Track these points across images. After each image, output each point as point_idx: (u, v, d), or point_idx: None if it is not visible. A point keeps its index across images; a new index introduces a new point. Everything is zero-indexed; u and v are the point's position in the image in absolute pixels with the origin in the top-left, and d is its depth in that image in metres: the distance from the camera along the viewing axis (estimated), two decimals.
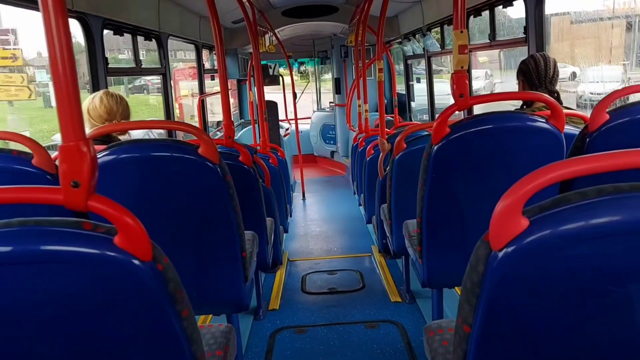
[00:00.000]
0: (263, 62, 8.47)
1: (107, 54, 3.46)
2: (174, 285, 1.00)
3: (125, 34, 3.92)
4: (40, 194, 1.01)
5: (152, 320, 1.02)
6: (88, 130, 2.24)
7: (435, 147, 1.94)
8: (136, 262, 0.94)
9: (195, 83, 6.32)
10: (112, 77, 3.66)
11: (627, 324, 0.92)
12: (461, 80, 1.89)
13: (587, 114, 2.28)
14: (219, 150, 1.92)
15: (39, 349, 1.01)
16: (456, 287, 3.02)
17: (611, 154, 0.87)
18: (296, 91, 8.43)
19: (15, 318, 0.96)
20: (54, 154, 1.76)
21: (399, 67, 8.87)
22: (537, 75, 2.64)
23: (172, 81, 4.90)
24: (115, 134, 2.43)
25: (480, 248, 0.92)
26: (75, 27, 3.27)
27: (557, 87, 2.71)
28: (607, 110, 1.70)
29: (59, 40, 0.91)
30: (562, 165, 0.87)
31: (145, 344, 1.05)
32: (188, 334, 1.06)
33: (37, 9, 0.91)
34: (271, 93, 9.57)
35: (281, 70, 10.59)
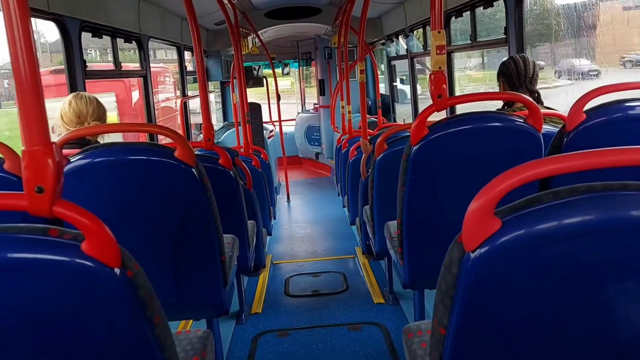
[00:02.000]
0: (247, 64, 8.43)
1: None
2: (144, 291, 0.98)
3: (104, 36, 3.87)
4: (3, 200, 0.98)
5: (123, 327, 0.99)
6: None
7: (414, 148, 1.94)
8: (104, 269, 0.91)
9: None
10: None
11: (603, 323, 0.92)
12: (439, 80, 1.90)
13: None
14: (198, 153, 1.89)
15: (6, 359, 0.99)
16: None
17: (585, 153, 0.87)
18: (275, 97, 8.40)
19: None
20: None
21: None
22: (517, 76, 2.69)
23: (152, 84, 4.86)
24: (90, 138, 2.39)
25: (453, 249, 0.92)
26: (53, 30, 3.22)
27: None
28: (584, 109, 1.71)
29: (20, 40, 0.88)
30: (534, 165, 0.87)
31: (117, 352, 1.03)
32: (161, 341, 1.04)
33: None
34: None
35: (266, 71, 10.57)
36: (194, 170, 1.84)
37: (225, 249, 2.12)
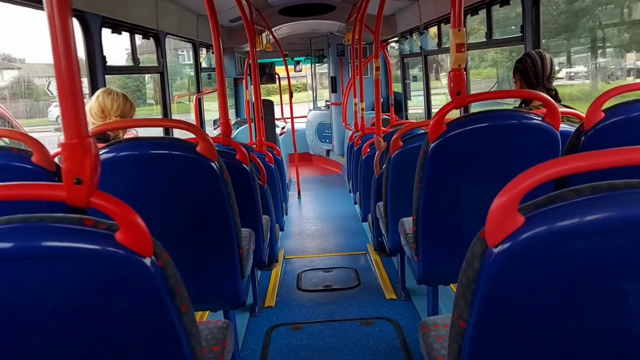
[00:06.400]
0: (260, 61, 8.47)
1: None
2: (173, 281, 1.02)
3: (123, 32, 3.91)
4: (43, 190, 1.02)
5: (153, 315, 1.03)
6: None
7: (432, 145, 1.95)
8: (137, 257, 0.95)
9: None
10: None
11: (621, 319, 0.93)
12: (459, 78, 1.91)
13: None
14: (216, 148, 1.93)
15: (40, 344, 1.02)
16: (451, 284, 3.04)
17: (606, 152, 0.89)
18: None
19: (17, 314, 0.98)
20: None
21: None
22: (534, 74, 2.63)
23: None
24: (110, 133, 2.44)
25: (476, 244, 0.93)
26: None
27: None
28: (602, 108, 1.72)
29: (61, 38, 0.92)
30: (557, 163, 0.89)
31: (146, 338, 1.07)
32: (187, 329, 1.08)
33: (41, 8, 0.92)
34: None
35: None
36: (215, 165, 1.87)
37: (242, 242, 2.16)
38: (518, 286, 0.92)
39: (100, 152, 1.83)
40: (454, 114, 2.19)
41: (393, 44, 8.33)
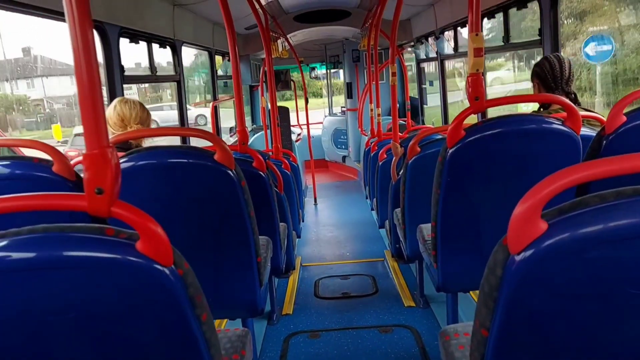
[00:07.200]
0: (275, 68, 8.51)
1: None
2: (193, 289, 1.02)
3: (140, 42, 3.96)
4: (64, 200, 1.03)
5: (173, 323, 1.03)
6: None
7: (450, 151, 1.93)
8: (158, 267, 0.95)
9: None
10: None
11: None
12: (477, 83, 1.89)
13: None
14: (233, 156, 1.93)
15: (62, 353, 1.03)
16: (471, 292, 3.01)
17: (629, 157, 0.87)
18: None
19: (39, 322, 0.98)
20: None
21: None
22: (552, 78, 2.61)
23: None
24: (132, 141, 2.47)
25: (498, 252, 0.92)
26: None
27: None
28: (624, 112, 1.69)
29: (83, 49, 0.93)
30: (581, 168, 0.87)
31: (166, 347, 1.07)
32: (207, 338, 1.08)
33: (63, 20, 0.93)
34: None
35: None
36: (232, 173, 1.88)
37: (260, 250, 2.16)
38: (541, 294, 0.90)
39: (120, 162, 1.84)
40: (472, 119, 2.17)
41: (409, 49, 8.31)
